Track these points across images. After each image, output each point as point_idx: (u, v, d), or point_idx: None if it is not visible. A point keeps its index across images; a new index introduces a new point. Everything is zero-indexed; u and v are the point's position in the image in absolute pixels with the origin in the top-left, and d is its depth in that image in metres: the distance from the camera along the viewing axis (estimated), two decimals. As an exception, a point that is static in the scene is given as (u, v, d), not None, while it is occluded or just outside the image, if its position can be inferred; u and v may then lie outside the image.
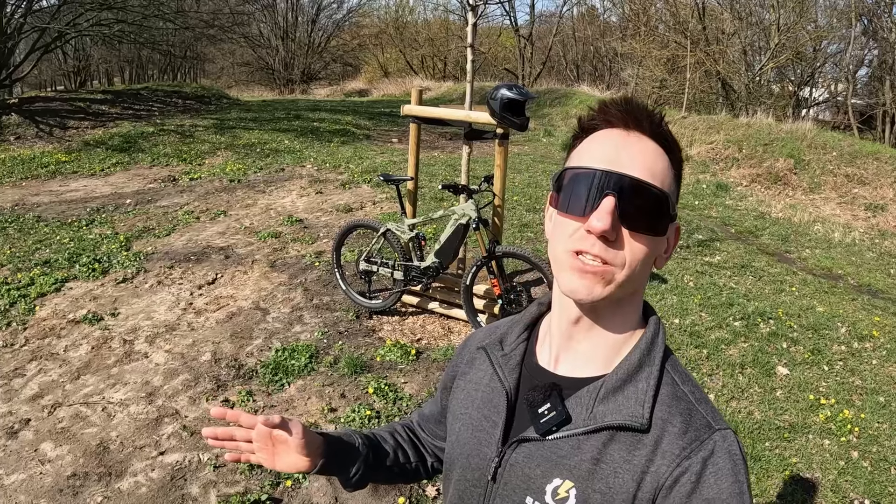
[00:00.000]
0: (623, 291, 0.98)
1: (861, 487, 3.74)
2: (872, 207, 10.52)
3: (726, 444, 0.94)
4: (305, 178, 9.70)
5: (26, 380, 4.48)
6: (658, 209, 0.96)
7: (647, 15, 24.21)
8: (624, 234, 0.95)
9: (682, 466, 0.92)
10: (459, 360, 1.30)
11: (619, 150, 0.97)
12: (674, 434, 0.95)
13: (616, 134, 0.99)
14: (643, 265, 0.97)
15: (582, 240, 0.96)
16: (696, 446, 0.93)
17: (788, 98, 20.97)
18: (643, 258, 0.97)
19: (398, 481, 1.45)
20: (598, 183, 0.95)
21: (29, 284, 5.85)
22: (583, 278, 0.96)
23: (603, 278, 0.95)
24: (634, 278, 0.97)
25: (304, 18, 38.55)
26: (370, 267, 5.31)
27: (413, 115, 5.22)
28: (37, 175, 10.05)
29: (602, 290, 0.96)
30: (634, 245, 0.96)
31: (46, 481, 3.50)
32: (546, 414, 1.02)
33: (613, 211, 0.93)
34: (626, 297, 1.01)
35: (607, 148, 0.98)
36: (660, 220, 0.97)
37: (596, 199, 0.94)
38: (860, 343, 5.35)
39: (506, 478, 1.05)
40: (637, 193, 0.94)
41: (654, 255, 0.99)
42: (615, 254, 0.95)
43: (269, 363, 4.61)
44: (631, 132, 0.99)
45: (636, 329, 1.05)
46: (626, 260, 0.96)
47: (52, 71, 27.95)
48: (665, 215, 0.97)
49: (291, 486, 3.46)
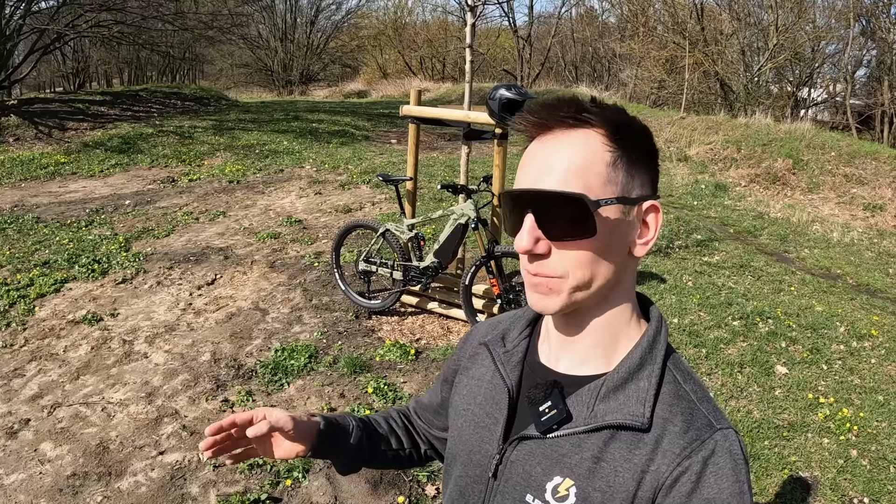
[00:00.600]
0: (583, 296, 0.97)
1: (860, 486, 3.74)
2: (871, 207, 10.53)
3: (727, 444, 0.93)
4: (304, 178, 9.71)
5: (26, 380, 4.48)
6: (576, 213, 0.92)
7: (646, 16, 24.24)
8: (553, 245, 0.95)
9: (682, 466, 0.91)
10: (462, 353, 1.30)
11: (531, 163, 0.96)
12: (675, 433, 0.94)
13: (533, 145, 0.99)
14: (591, 267, 0.95)
15: (524, 259, 0.97)
16: (697, 446, 0.93)
17: (787, 98, 21.00)
18: (585, 261, 0.94)
19: (391, 466, 1.46)
20: (516, 203, 0.96)
21: (28, 285, 5.85)
22: (535, 294, 0.98)
23: (550, 290, 0.96)
24: (587, 282, 0.96)
25: (302, 20, 38.59)
26: (369, 267, 5.31)
27: (412, 116, 5.23)
28: (36, 176, 10.05)
29: (555, 303, 0.96)
30: (566, 253, 0.94)
31: (46, 481, 3.50)
32: (547, 412, 1.01)
33: (533, 228, 0.94)
34: (600, 298, 0.99)
35: (526, 162, 0.98)
36: (581, 220, 0.93)
37: (520, 218, 0.95)
38: (859, 342, 5.36)
39: (506, 475, 1.05)
40: (547, 204, 0.93)
41: (608, 251, 0.96)
42: (552, 267, 0.95)
43: (268, 363, 4.61)
44: (545, 137, 0.98)
45: (633, 324, 1.04)
46: (564, 269, 0.95)
47: (51, 72, 27.96)
48: (585, 214, 0.92)
49: (291, 485, 3.46)
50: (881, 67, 19.58)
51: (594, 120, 0.95)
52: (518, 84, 20.64)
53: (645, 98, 22.42)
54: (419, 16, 39.84)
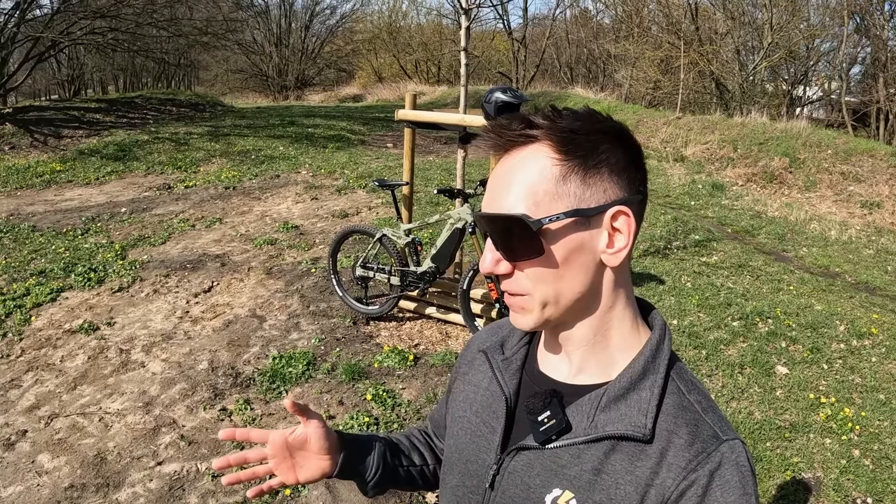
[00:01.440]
0: (555, 312, 0.96)
1: (863, 486, 3.72)
2: (868, 204, 10.53)
3: (734, 456, 0.91)
4: (301, 184, 9.69)
5: (22, 391, 4.45)
6: (518, 232, 0.92)
7: (640, 16, 24.25)
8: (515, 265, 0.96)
9: (688, 479, 0.90)
10: (461, 360, 1.28)
11: (490, 186, 0.98)
12: (680, 446, 0.92)
13: (495, 167, 1.00)
14: (553, 282, 0.94)
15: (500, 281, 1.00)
16: (703, 458, 0.91)
17: (782, 97, 21.01)
18: (544, 279, 0.94)
19: (417, 485, 1.39)
20: (480, 225, 0.99)
21: (24, 294, 5.82)
22: (512, 312, 1.00)
23: (522, 308, 0.98)
24: (554, 298, 0.95)
25: (297, 24, 38.56)
26: (366, 273, 5.29)
27: (407, 120, 5.21)
28: (31, 184, 10.02)
29: (528, 320, 0.98)
30: (526, 272, 0.95)
31: (44, 493, 3.47)
32: (546, 422, 0.99)
33: (492, 249, 0.96)
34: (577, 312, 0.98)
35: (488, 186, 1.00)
36: (524, 241, 0.92)
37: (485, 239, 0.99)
38: (859, 340, 5.35)
39: (504, 486, 1.03)
40: (496, 225, 0.94)
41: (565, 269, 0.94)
42: (516, 284, 0.96)
43: (266, 371, 4.59)
44: (503, 158, 0.98)
45: (630, 333, 1.01)
46: (527, 287, 0.95)
47: (46, 80, 27.89)
48: (527, 234, 0.92)
49: (290, 494, 3.44)
50: (876, 64, 19.59)
51: (541, 134, 0.94)
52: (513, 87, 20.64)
53: (640, 98, 22.44)
54: (414, 19, 39.81)
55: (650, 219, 8.52)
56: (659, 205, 9.57)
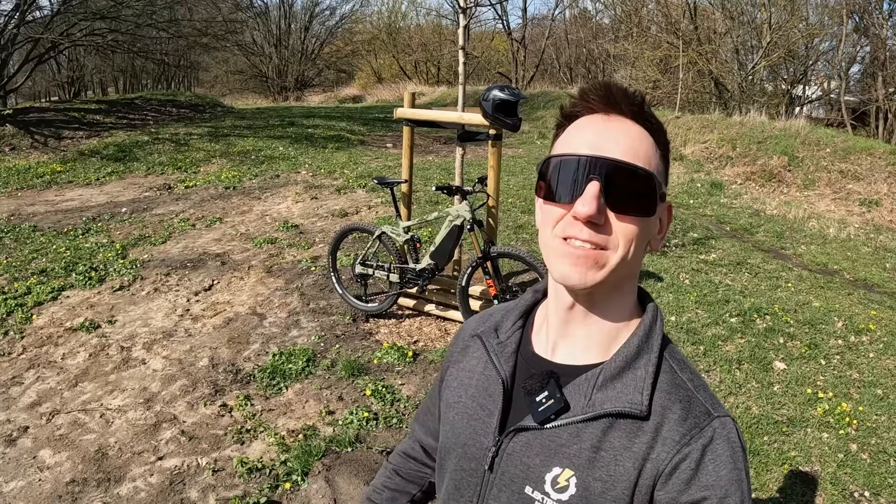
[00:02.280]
0: (617, 275, 0.97)
1: (860, 479, 3.74)
2: (867, 203, 10.54)
3: (725, 432, 0.95)
4: (300, 184, 9.71)
5: (24, 388, 4.48)
6: (645, 189, 0.95)
7: (639, 16, 24.27)
8: (612, 217, 0.95)
9: (681, 453, 0.93)
10: (453, 349, 1.29)
11: (601, 135, 0.97)
12: (673, 421, 0.95)
13: (598, 119, 0.99)
14: (636, 247, 0.97)
15: (570, 226, 0.95)
16: (696, 433, 0.94)
17: (781, 96, 21.02)
18: (635, 239, 0.96)
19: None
20: (582, 169, 0.95)
21: (26, 293, 5.85)
22: (575, 264, 0.95)
23: (596, 262, 0.95)
24: (628, 261, 0.97)
25: (297, 26, 38.61)
26: (366, 270, 5.31)
27: (406, 118, 5.24)
28: (32, 185, 10.04)
29: (595, 275, 0.95)
30: (624, 227, 0.95)
31: (45, 488, 3.49)
32: (544, 402, 1.01)
33: (598, 195, 0.93)
34: (620, 282, 1.00)
35: (589, 133, 0.98)
36: (647, 200, 0.96)
37: (581, 184, 0.94)
38: (857, 337, 5.36)
39: (503, 467, 1.04)
40: (621, 175, 0.94)
41: (646, 237, 0.99)
42: (605, 238, 0.95)
43: (266, 367, 4.61)
44: (612, 116, 0.99)
45: (633, 315, 1.05)
46: (617, 242, 0.95)
47: (47, 82, 27.92)
48: (652, 195, 0.96)
49: (290, 488, 3.46)
50: (875, 63, 19.61)
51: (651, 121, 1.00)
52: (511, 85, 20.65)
53: (640, 98, 22.39)
54: (413, 20, 39.85)
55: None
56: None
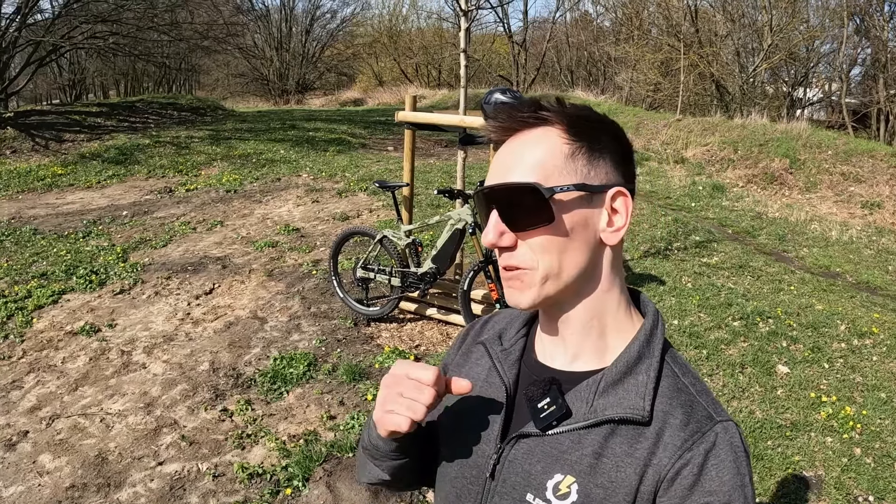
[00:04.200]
0: (555, 287, 0.98)
1: (865, 484, 3.72)
2: (869, 205, 10.53)
3: (728, 436, 0.93)
4: (301, 187, 9.70)
5: (24, 392, 4.46)
6: (528, 201, 0.96)
7: (640, 19, 24.29)
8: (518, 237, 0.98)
9: (683, 459, 0.91)
10: (453, 349, 1.29)
11: (495, 164, 1.02)
12: (675, 426, 0.94)
13: (499, 149, 1.03)
14: (558, 254, 0.97)
15: (499, 256, 1.01)
16: (698, 438, 0.92)
17: (783, 99, 21.02)
18: (549, 249, 0.97)
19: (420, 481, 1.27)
20: (483, 203, 1.01)
21: (26, 297, 5.83)
22: (509, 290, 1.01)
23: (522, 282, 0.99)
24: (556, 271, 0.97)
25: (298, 29, 38.63)
26: (367, 274, 5.30)
27: (408, 122, 5.22)
28: (33, 188, 10.04)
29: (527, 297, 0.99)
30: (531, 242, 0.97)
31: (45, 493, 3.48)
32: (546, 409, 1.00)
33: (497, 222, 0.98)
34: (574, 290, 1.00)
35: (491, 167, 1.04)
36: (537, 209, 0.96)
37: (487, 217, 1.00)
38: (860, 340, 5.34)
39: (504, 475, 1.03)
40: (503, 196, 0.98)
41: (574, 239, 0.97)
42: (519, 258, 0.98)
43: (267, 372, 4.59)
44: (511, 138, 1.02)
45: (623, 318, 1.04)
46: (532, 259, 0.97)
47: (48, 84, 28.00)
48: (539, 201, 0.95)
49: (291, 493, 3.44)
50: (876, 65, 19.60)
51: (551, 117, 0.99)
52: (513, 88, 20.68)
53: (641, 101, 22.44)
54: (414, 23, 39.83)
55: (651, 220, 8.53)
56: (659, 206, 9.58)
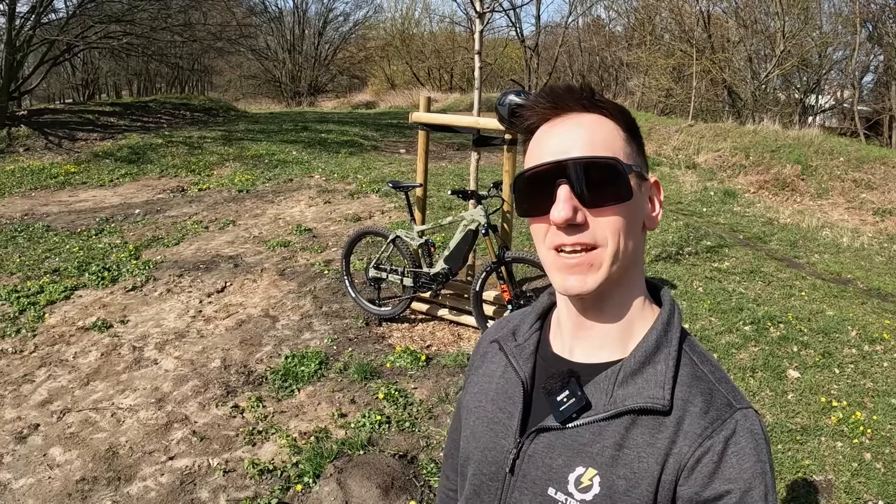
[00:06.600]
0: (618, 269, 0.97)
1: (875, 489, 3.70)
2: (881, 212, 10.48)
3: (748, 424, 0.93)
4: (314, 188, 9.73)
5: (35, 385, 4.49)
6: (611, 176, 0.95)
7: (653, 24, 24.27)
8: (591, 214, 0.95)
9: (703, 446, 0.91)
10: (474, 357, 1.29)
11: (556, 138, 0.98)
12: (695, 414, 0.94)
13: (552, 124, 1.00)
14: (626, 235, 0.96)
15: (555, 235, 0.96)
16: (718, 426, 0.92)
17: (794, 105, 20.94)
18: (622, 228, 0.95)
19: None
20: (548, 176, 0.96)
21: (38, 292, 5.87)
22: (570, 273, 0.96)
23: (591, 265, 0.95)
24: (623, 252, 0.96)
25: (310, 31, 38.78)
26: (379, 274, 5.31)
27: (422, 122, 5.24)
28: (46, 186, 10.11)
29: (594, 278, 0.95)
30: (606, 220, 0.95)
31: (55, 486, 3.50)
32: (565, 401, 1.00)
33: (569, 197, 0.94)
34: (622, 274, 0.99)
35: (547, 140, 0.99)
36: (619, 185, 0.95)
37: (552, 192, 0.95)
38: (871, 346, 5.32)
39: (525, 469, 1.03)
40: (583, 170, 0.94)
41: (635, 221, 0.99)
42: (592, 236, 0.95)
43: (278, 369, 4.61)
44: (563, 116, 1.00)
45: (645, 307, 1.04)
46: (605, 237, 0.95)
47: (61, 84, 28.14)
48: (622, 179, 0.95)
49: (302, 490, 3.45)
50: (888, 72, 19.53)
51: (606, 104, 0.99)
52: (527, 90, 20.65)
53: (653, 106, 22.41)
54: (426, 27, 39.91)
55: (662, 224, 8.51)
56: (671, 211, 9.56)
